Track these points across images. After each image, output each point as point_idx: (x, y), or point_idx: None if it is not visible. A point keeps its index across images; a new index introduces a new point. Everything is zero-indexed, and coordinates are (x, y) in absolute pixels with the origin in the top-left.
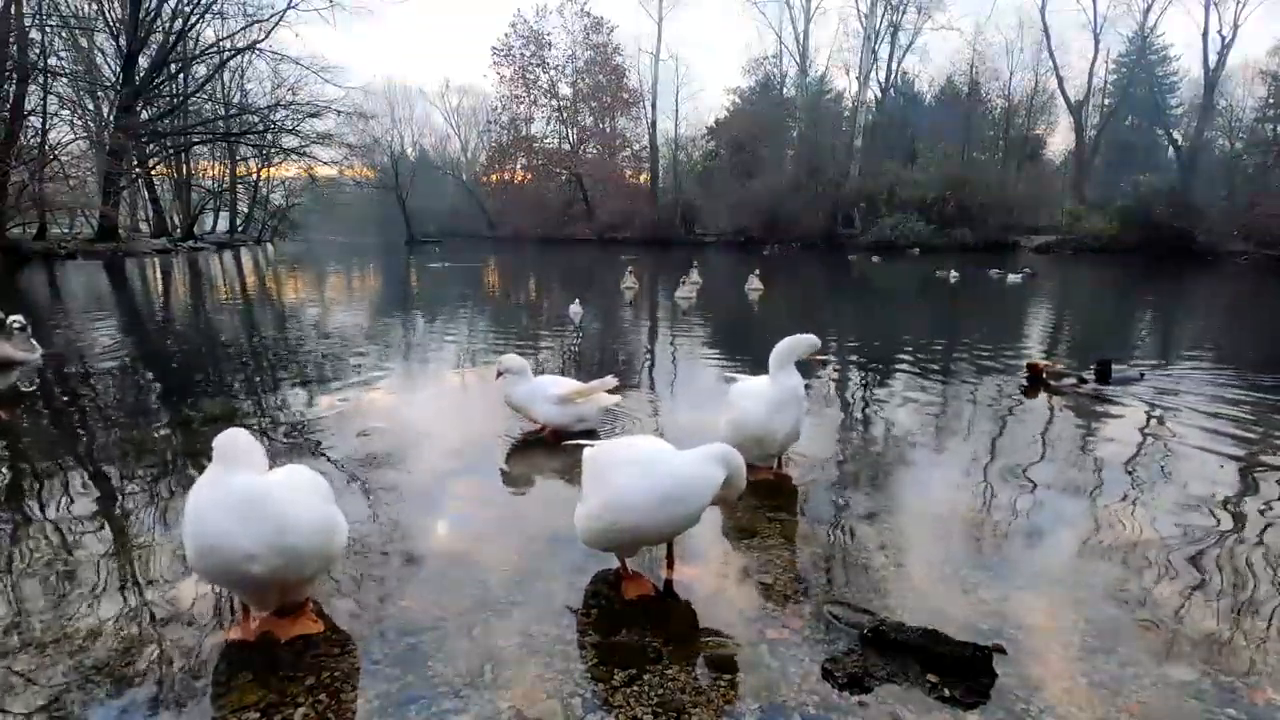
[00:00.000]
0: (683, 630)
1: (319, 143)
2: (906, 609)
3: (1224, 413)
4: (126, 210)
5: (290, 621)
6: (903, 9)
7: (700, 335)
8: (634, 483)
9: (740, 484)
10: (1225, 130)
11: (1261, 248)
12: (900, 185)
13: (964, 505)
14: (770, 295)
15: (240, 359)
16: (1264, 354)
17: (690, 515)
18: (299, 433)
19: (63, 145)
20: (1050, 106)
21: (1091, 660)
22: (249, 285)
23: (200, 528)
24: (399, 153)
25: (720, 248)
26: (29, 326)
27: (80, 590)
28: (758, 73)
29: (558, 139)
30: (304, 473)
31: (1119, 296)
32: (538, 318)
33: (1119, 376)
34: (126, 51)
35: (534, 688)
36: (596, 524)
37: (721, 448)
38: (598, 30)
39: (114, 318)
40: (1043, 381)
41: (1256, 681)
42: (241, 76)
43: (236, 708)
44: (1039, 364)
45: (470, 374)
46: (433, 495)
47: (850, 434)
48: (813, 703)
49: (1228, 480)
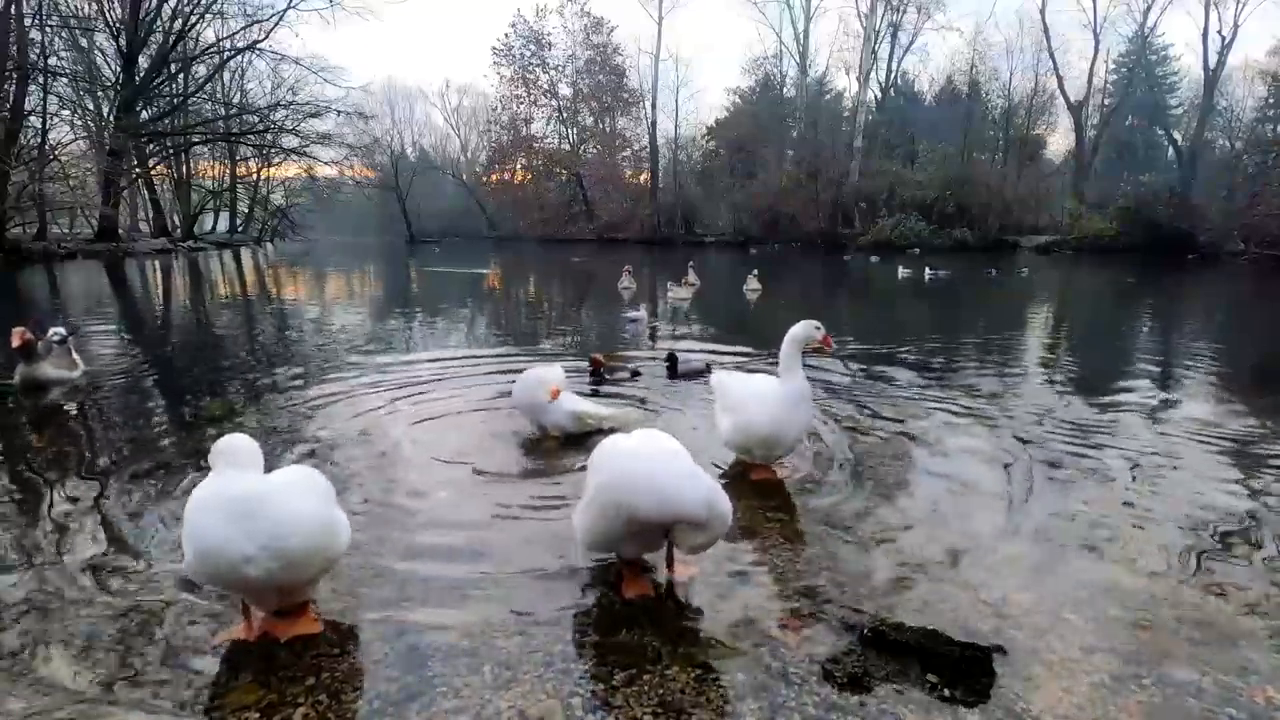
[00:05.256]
0: (683, 630)
1: (319, 143)
2: (906, 609)
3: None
4: (126, 210)
5: (290, 621)
6: (903, 9)
7: (700, 336)
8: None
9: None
10: (1225, 130)
11: (1262, 248)
12: (900, 185)
13: (965, 505)
14: (769, 295)
15: (240, 359)
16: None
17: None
18: (299, 433)
19: (63, 145)
20: (1050, 106)
21: (1091, 660)
22: (249, 285)
23: (198, 531)
24: (399, 153)
25: (719, 248)
26: (70, 339)
27: (80, 590)
28: (758, 73)
29: (558, 139)
30: (304, 473)
31: (1097, 296)
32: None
33: (685, 369)
34: (126, 51)
35: (534, 688)
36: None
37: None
38: (598, 30)
39: (114, 318)
40: (600, 374)
41: (1256, 681)
42: (241, 76)
43: (236, 708)
44: (597, 358)
45: (471, 374)
46: (434, 495)
47: (850, 432)
48: (813, 703)
49: (1228, 479)
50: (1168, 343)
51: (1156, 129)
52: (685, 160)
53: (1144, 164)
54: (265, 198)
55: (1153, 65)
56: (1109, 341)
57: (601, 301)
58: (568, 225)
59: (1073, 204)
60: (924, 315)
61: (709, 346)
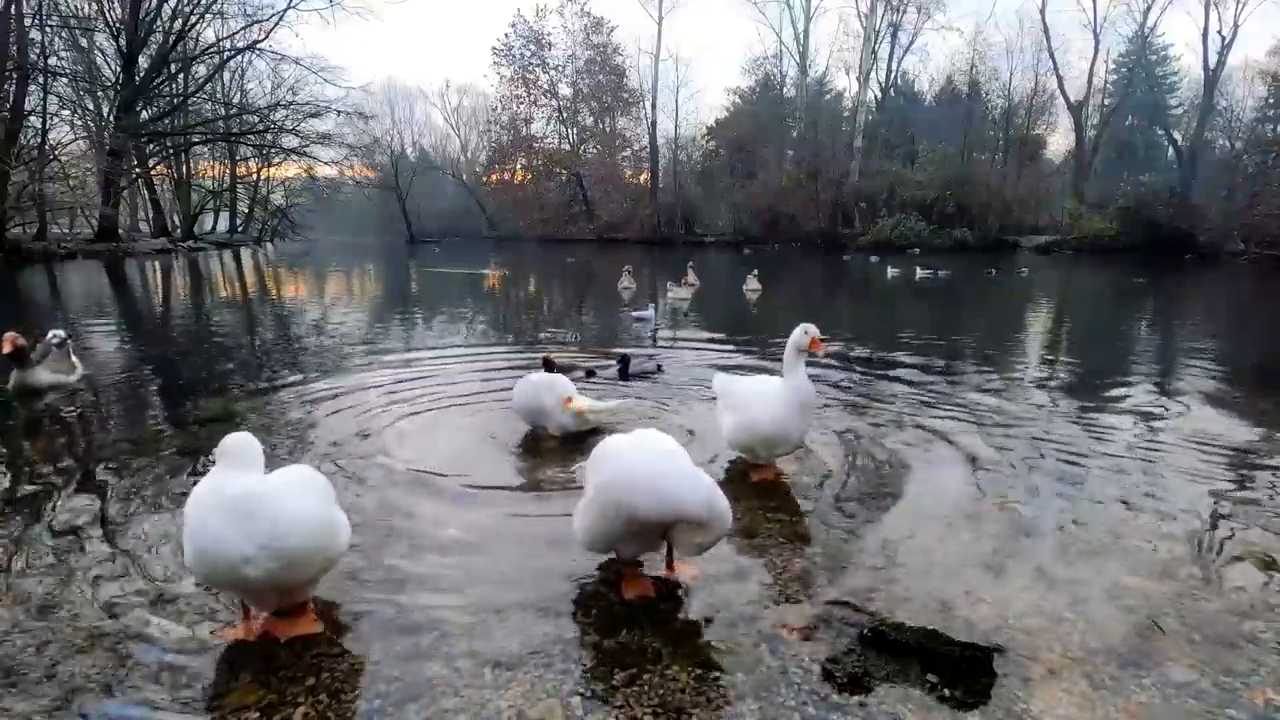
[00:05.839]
0: (683, 630)
1: (319, 143)
2: (907, 609)
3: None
4: (126, 210)
5: (290, 621)
6: (903, 9)
7: (700, 336)
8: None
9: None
10: (1225, 130)
11: (1262, 248)
12: (900, 185)
13: (965, 505)
14: (769, 296)
15: (240, 359)
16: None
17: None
18: (299, 432)
19: (63, 145)
20: (1050, 106)
21: (1091, 660)
22: (249, 285)
23: (197, 530)
24: (399, 153)
25: (719, 248)
26: (70, 341)
27: (80, 590)
28: (758, 73)
29: (558, 139)
30: (304, 473)
31: (1089, 297)
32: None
33: (636, 369)
34: (126, 51)
35: (534, 688)
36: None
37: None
38: (598, 30)
39: (114, 318)
40: (553, 373)
41: (1256, 682)
42: (241, 76)
43: (236, 708)
44: (549, 358)
45: (471, 374)
46: (433, 495)
47: (849, 433)
48: (813, 702)
49: (1229, 480)
50: (1168, 343)
51: (1156, 129)
52: (685, 160)
53: (1144, 164)
54: (265, 198)
55: (1153, 65)
56: (1109, 342)
57: (602, 302)
58: (568, 225)
59: (1073, 204)
60: (924, 315)
61: (709, 346)
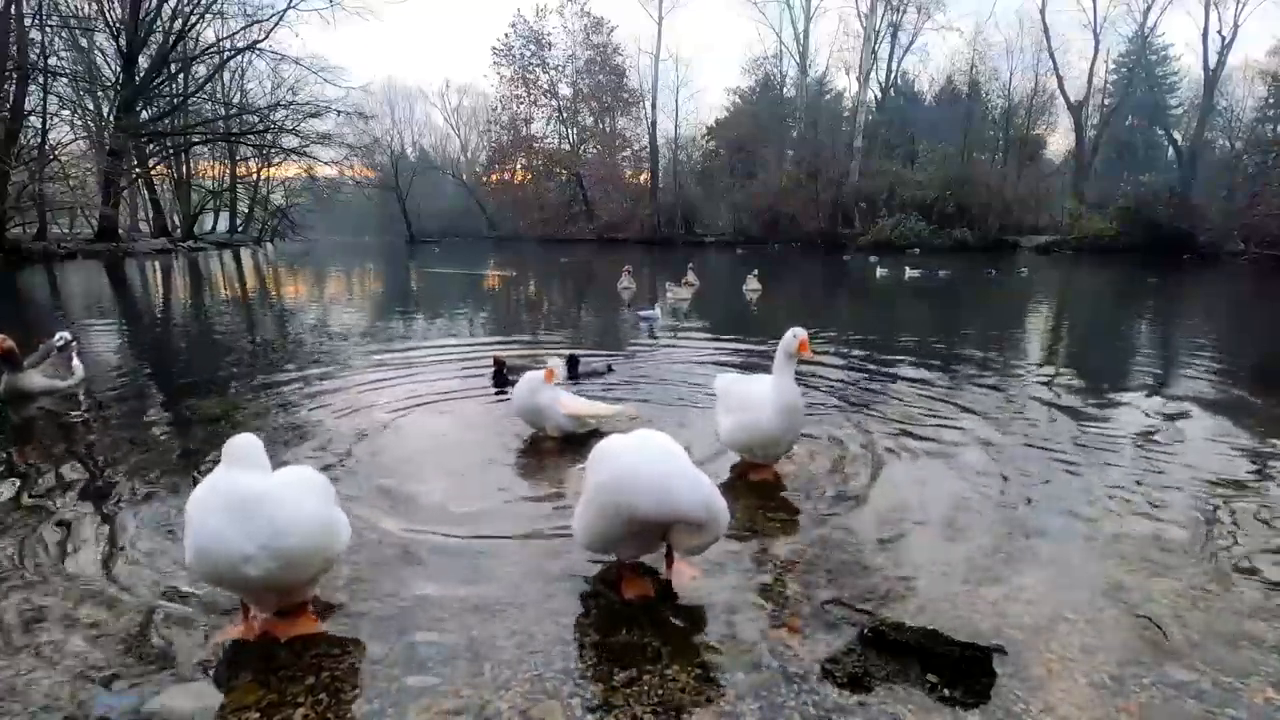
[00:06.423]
0: (683, 630)
1: (319, 143)
2: (906, 608)
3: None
4: (126, 210)
5: (290, 621)
6: (903, 9)
7: (700, 336)
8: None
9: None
10: (1225, 130)
11: (1262, 248)
12: (900, 185)
13: (964, 505)
14: (769, 295)
15: (240, 359)
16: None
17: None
18: (299, 432)
19: (63, 145)
20: (1050, 106)
21: (1091, 660)
22: (249, 285)
23: (198, 529)
24: (399, 153)
25: (719, 248)
26: (73, 344)
27: (80, 590)
28: (758, 73)
29: (558, 139)
30: (304, 473)
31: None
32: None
33: (585, 369)
34: (126, 51)
35: (534, 688)
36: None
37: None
38: (598, 30)
39: (114, 318)
40: (504, 375)
41: (1257, 682)
42: (241, 76)
43: (236, 708)
44: (499, 357)
45: (471, 372)
46: (433, 495)
47: (849, 432)
48: (813, 702)
49: (1229, 480)
50: (1169, 343)
51: (1156, 129)
52: (685, 160)
53: (1144, 164)
54: (265, 198)
55: (1153, 65)
56: (1109, 341)
57: (602, 302)
58: (568, 225)
59: (1073, 204)
60: (923, 315)
61: (709, 346)
